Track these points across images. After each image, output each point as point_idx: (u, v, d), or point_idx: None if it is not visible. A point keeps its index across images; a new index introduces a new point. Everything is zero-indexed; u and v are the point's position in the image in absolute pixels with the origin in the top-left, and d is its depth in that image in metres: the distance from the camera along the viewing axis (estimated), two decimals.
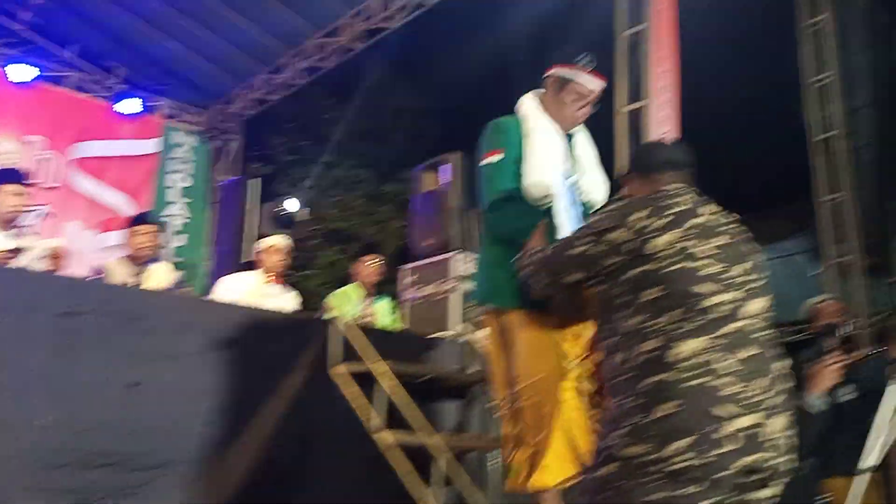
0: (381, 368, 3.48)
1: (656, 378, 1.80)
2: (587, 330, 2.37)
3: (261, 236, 5.98)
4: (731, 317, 1.84)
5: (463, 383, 4.09)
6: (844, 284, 6.45)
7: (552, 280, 2.12)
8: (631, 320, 1.89)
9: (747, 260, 1.95)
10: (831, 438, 3.86)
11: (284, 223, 8.15)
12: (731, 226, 2.01)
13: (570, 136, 2.73)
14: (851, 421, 3.99)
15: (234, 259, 7.57)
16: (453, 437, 3.82)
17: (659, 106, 5.19)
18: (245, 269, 5.22)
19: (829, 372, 3.38)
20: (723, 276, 1.87)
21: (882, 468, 4.01)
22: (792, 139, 7.49)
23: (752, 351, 1.83)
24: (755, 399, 1.78)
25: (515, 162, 2.56)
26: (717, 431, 1.73)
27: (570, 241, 2.07)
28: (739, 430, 1.74)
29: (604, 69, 2.74)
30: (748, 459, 1.73)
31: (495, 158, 2.57)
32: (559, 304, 2.32)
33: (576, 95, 2.65)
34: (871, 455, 3.70)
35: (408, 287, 5.25)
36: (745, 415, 1.75)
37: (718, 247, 1.90)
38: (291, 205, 8.66)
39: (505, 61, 10.75)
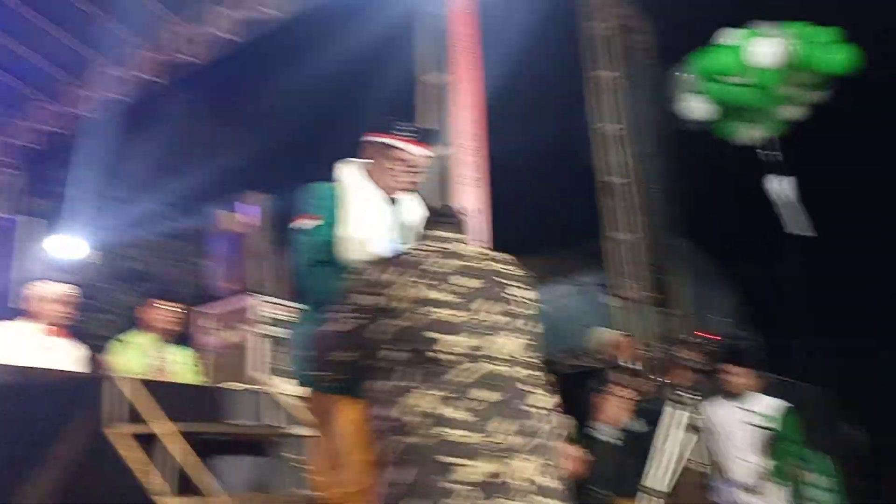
0: (166, 428, 3.19)
1: (396, 439, 1.76)
2: None
3: (42, 280, 5.37)
4: (471, 362, 1.80)
5: (263, 438, 3.86)
6: (631, 316, 6.93)
7: (328, 363, 2.03)
8: (379, 383, 1.85)
9: (503, 300, 1.93)
10: (624, 466, 4.06)
11: (71, 265, 7.45)
12: (495, 266, 1.98)
13: (396, 202, 2.69)
14: (642, 449, 4.24)
15: (5, 306, 6.77)
16: (251, 497, 3.58)
17: (464, 153, 5.32)
18: (17, 317, 4.66)
19: (618, 403, 3.56)
20: (465, 323, 1.83)
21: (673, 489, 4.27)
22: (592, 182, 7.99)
23: (496, 394, 1.79)
24: (495, 445, 1.73)
25: (331, 227, 2.51)
26: (450, 484, 1.68)
27: (332, 320, 2.00)
28: (475, 481, 1.68)
29: (410, 117, 2.74)
30: None
31: (309, 224, 2.53)
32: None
33: (399, 162, 2.63)
34: (657, 476, 3.93)
35: (205, 332, 4.93)
36: (482, 463, 1.70)
37: (464, 293, 1.87)
38: (81, 244, 7.96)
39: (315, 103, 10.67)
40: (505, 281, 1.97)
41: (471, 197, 5.08)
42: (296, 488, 3.85)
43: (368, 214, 2.55)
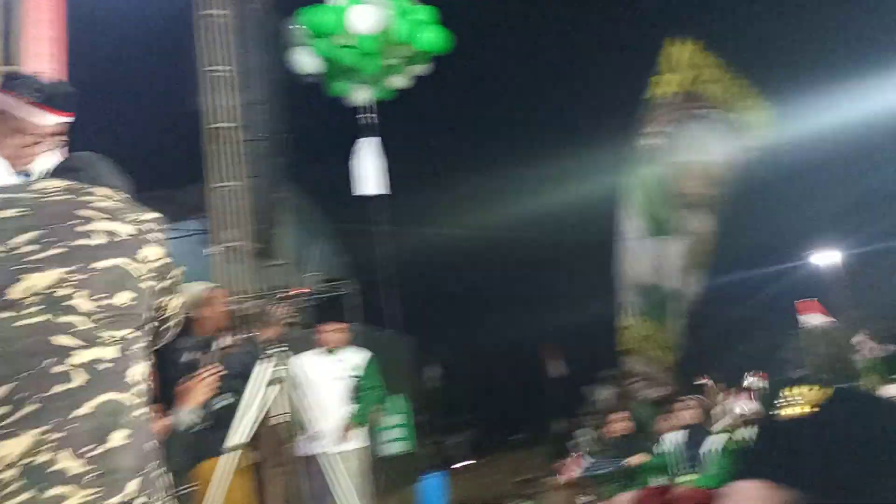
0: None
1: None
2: None
3: None
4: None
5: None
6: (232, 267, 6.80)
7: None
8: None
9: (75, 235, 1.56)
10: (206, 437, 3.83)
11: None
12: (80, 199, 1.64)
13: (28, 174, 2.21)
14: (227, 420, 4.07)
15: None
16: None
17: (35, 73, 4.56)
18: None
19: (202, 387, 3.33)
20: None
21: (254, 438, 4.24)
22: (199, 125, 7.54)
23: None
24: None
25: None
26: None
27: None
28: None
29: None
30: None
31: None
32: None
33: (18, 131, 2.12)
34: (240, 433, 3.85)
35: None
36: None
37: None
38: None
39: None
40: (92, 213, 1.61)
41: None
42: None
43: None
